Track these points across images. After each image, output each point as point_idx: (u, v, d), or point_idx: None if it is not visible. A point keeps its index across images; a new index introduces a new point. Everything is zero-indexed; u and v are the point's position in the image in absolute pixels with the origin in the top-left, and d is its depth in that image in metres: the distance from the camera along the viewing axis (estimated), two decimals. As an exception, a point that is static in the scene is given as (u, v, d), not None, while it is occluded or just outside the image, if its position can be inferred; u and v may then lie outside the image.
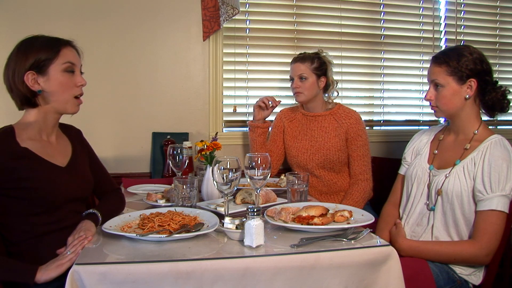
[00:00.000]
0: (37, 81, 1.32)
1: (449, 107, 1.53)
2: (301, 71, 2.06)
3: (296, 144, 2.15)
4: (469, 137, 1.54)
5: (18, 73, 1.30)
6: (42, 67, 1.31)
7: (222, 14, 2.30)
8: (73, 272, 1.00)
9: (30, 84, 1.30)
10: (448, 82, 1.51)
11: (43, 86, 1.32)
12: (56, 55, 1.34)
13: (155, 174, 2.31)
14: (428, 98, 1.57)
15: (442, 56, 1.54)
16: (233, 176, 1.30)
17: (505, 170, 1.40)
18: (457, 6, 2.76)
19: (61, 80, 1.35)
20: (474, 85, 1.49)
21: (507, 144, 1.48)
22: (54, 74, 1.33)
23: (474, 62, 1.49)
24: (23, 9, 2.18)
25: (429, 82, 1.58)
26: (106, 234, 1.21)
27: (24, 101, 1.34)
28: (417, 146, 1.71)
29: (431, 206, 1.54)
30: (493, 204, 1.39)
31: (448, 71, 1.50)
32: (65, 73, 1.35)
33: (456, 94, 1.51)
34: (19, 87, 1.31)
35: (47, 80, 1.33)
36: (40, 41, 1.35)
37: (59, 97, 1.36)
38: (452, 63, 1.49)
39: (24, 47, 1.33)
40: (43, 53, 1.32)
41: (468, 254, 1.42)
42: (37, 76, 1.31)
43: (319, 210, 1.31)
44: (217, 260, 1.08)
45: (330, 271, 1.11)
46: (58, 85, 1.34)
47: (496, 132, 1.53)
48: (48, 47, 1.34)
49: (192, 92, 2.41)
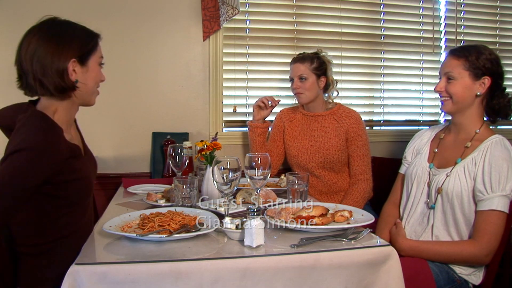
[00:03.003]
0: (75, 70, 1.26)
1: (459, 100, 1.52)
2: (301, 71, 2.06)
3: (296, 144, 2.15)
4: (470, 136, 1.54)
5: (60, 60, 1.22)
6: (85, 58, 1.27)
7: (222, 14, 2.30)
8: (72, 272, 1.00)
9: (70, 72, 1.24)
10: (463, 76, 1.51)
11: (79, 77, 1.27)
12: (96, 47, 1.31)
13: (155, 174, 2.31)
14: (439, 89, 1.56)
15: (461, 50, 1.55)
16: (233, 176, 1.30)
17: (505, 170, 1.40)
18: (457, 6, 2.76)
19: (96, 73, 1.33)
20: (487, 83, 1.50)
21: (508, 144, 1.48)
22: (93, 67, 1.31)
23: (491, 62, 1.51)
24: (23, 9, 2.18)
25: (441, 75, 1.58)
26: (106, 234, 1.20)
27: (60, 90, 1.24)
28: (418, 145, 1.72)
29: (431, 204, 1.54)
30: (493, 204, 1.39)
31: (465, 66, 1.50)
32: (99, 66, 1.34)
33: (468, 89, 1.51)
34: (56, 74, 1.22)
35: (86, 71, 1.29)
36: (80, 30, 1.30)
37: (90, 89, 1.33)
38: (471, 57, 1.50)
39: (64, 32, 1.26)
40: (87, 43, 1.28)
41: (468, 254, 1.42)
42: (77, 66, 1.26)
43: (319, 210, 1.31)
44: (217, 260, 1.08)
45: (330, 271, 1.11)
46: (92, 78, 1.32)
47: (496, 132, 1.53)
48: (90, 38, 1.30)
49: (192, 92, 2.41)
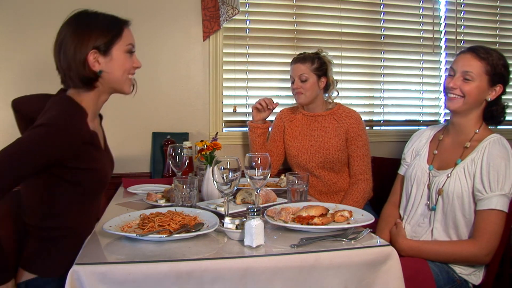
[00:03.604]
0: (98, 61, 1.27)
1: (471, 101, 1.50)
2: (302, 71, 2.06)
3: (296, 144, 2.15)
4: (469, 137, 1.54)
5: (80, 51, 1.23)
6: (106, 47, 1.27)
7: (222, 14, 2.30)
8: (73, 272, 1.00)
9: (91, 63, 1.25)
10: (482, 79, 1.48)
11: (103, 67, 1.28)
12: (120, 35, 1.30)
13: (155, 174, 2.31)
14: (453, 86, 1.50)
15: (484, 51, 1.49)
16: (233, 176, 1.30)
17: (503, 169, 1.40)
18: (457, 6, 2.76)
19: (123, 61, 1.31)
20: (499, 91, 1.49)
21: (506, 143, 1.47)
22: (117, 55, 1.30)
23: (507, 71, 1.49)
24: (23, 9, 2.18)
25: (455, 71, 1.52)
26: (106, 234, 1.20)
27: (85, 81, 1.27)
28: (417, 146, 1.71)
29: (432, 206, 1.54)
30: (492, 203, 1.39)
31: (487, 70, 1.47)
32: (127, 54, 1.33)
33: (482, 92, 1.49)
34: (79, 66, 1.24)
35: (110, 61, 1.29)
36: (102, 18, 1.30)
37: (117, 78, 1.32)
38: (493, 62, 1.47)
39: (86, 24, 1.27)
40: (107, 32, 1.27)
41: (468, 253, 1.42)
42: (98, 56, 1.26)
43: (319, 210, 1.31)
44: (217, 260, 1.08)
45: (330, 271, 1.11)
46: (118, 66, 1.31)
47: (496, 132, 1.53)
48: (112, 26, 1.30)
49: (192, 92, 2.41)
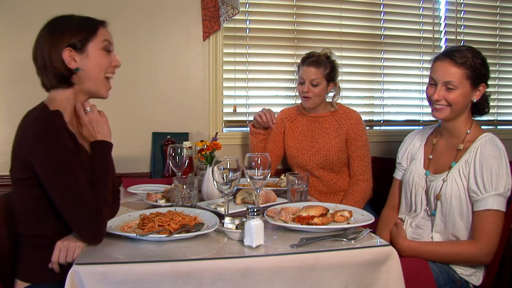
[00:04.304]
0: (74, 59, 1.28)
1: (458, 108, 1.49)
2: (315, 76, 2.02)
3: (296, 144, 2.15)
4: (461, 138, 1.53)
5: (55, 51, 1.26)
6: (81, 44, 1.29)
7: (222, 14, 2.30)
8: (73, 272, 1.00)
9: (67, 60, 1.27)
10: (464, 85, 1.45)
11: (80, 64, 1.29)
12: (95, 33, 1.31)
13: (155, 174, 2.31)
14: (437, 98, 1.48)
15: (459, 55, 1.45)
16: (233, 176, 1.30)
17: (496, 168, 1.40)
18: (457, 6, 2.76)
19: (99, 58, 1.32)
20: (483, 90, 1.48)
21: (498, 142, 1.46)
22: (93, 52, 1.31)
23: (486, 68, 1.47)
24: (23, 9, 2.18)
25: (436, 80, 1.49)
26: (106, 234, 1.20)
27: (60, 79, 1.29)
28: (411, 150, 1.70)
29: (432, 212, 1.54)
30: (488, 203, 1.38)
31: (467, 75, 1.44)
32: (103, 51, 1.33)
33: (467, 96, 1.48)
34: (55, 65, 1.27)
35: (86, 57, 1.30)
36: (76, 19, 1.33)
37: (94, 76, 1.33)
38: (471, 63, 1.44)
39: (60, 25, 1.30)
40: (81, 30, 1.29)
41: (468, 254, 1.42)
42: (74, 54, 1.28)
43: (319, 210, 1.31)
44: (217, 260, 1.08)
45: (330, 271, 1.11)
46: (95, 63, 1.32)
47: (496, 132, 1.53)
48: (86, 24, 1.32)
49: (192, 92, 2.41)
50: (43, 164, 1.17)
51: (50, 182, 1.16)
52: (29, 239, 1.27)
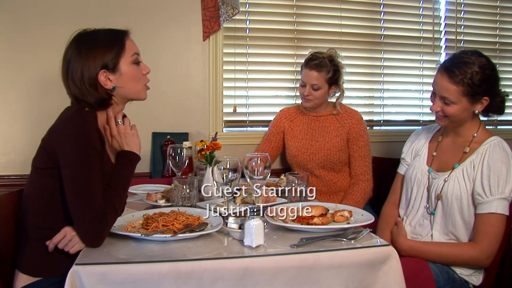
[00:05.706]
0: (109, 78, 1.29)
1: (457, 119, 1.48)
2: (316, 81, 2.00)
3: (296, 143, 2.15)
4: (468, 140, 1.52)
5: (89, 73, 1.26)
6: (113, 64, 1.28)
7: (222, 14, 2.30)
8: (73, 272, 1.00)
9: (103, 82, 1.27)
10: (461, 101, 1.43)
11: (115, 83, 1.30)
12: (123, 48, 1.31)
13: (155, 174, 2.31)
14: (435, 109, 1.49)
15: (458, 71, 1.41)
16: (233, 176, 1.30)
17: (504, 173, 1.40)
18: (457, 6, 2.76)
19: (132, 73, 1.33)
20: (486, 103, 1.46)
21: (506, 147, 1.46)
22: (125, 69, 1.31)
23: (487, 82, 1.42)
24: (23, 9, 2.18)
25: (436, 92, 1.49)
26: (109, 234, 1.20)
27: (100, 103, 1.29)
28: (416, 146, 1.70)
29: (431, 210, 1.54)
30: (492, 207, 1.38)
31: (463, 92, 1.41)
32: (134, 65, 1.34)
33: (466, 110, 1.46)
34: (91, 91, 1.27)
35: (119, 76, 1.30)
36: (102, 36, 1.31)
37: (131, 90, 1.35)
38: (467, 80, 1.40)
39: (87, 46, 1.28)
40: (111, 49, 1.29)
41: (468, 256, 1.42)
42: (108, 74, 1.28)
43: (319, 210, 1.31)
44: (217, 260, 1.08)
45: (330, 271, 1.11)
46: (129, 79, 1.32)
47: (496, 132, 1.53)
48: (114, 41, 1.31)
49: (192, 92, 2.41)
50: (68, 157, 1.18)
51: (69, 177, 1.18)
52: (34, 230, 1.27)
